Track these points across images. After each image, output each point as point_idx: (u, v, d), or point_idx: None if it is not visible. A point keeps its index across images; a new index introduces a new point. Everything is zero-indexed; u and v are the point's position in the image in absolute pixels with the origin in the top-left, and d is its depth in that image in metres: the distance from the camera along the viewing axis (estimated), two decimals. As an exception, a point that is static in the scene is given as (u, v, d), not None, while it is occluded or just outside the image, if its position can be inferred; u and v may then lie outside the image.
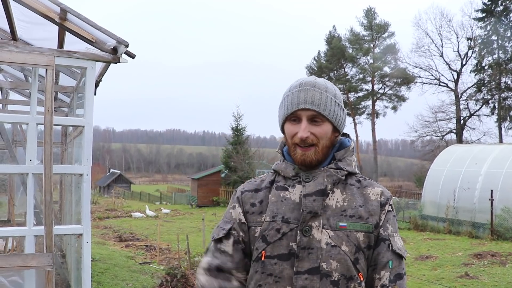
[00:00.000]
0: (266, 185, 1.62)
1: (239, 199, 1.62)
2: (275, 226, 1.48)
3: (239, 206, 1.60)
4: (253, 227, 1.54)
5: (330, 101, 1.51)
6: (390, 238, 1.48)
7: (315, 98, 1.49)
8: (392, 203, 1.55)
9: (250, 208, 1.58)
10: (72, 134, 6.78)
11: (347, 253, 1.42)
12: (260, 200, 1.58)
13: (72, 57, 3.75)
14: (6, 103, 8.51)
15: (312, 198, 1.46)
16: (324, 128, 1.51)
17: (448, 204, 15.22)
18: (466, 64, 38.65)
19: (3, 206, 10.51)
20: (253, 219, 1.55)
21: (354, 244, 1.43)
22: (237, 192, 1.66)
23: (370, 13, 51.12)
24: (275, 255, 1.45)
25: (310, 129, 1.49)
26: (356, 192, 1.52)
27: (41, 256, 3.30)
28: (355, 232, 1.44)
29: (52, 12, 3.83)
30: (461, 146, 19.22)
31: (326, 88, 1.53)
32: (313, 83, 1.52)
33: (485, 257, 10.27)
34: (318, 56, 55.47)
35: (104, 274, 8.34)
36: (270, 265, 1.45)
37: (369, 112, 52.52)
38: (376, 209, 1.49)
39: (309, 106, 1.48)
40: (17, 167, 3.99)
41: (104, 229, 18.77)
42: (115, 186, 51.88)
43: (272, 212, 1.51)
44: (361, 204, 1.49)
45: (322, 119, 1.51)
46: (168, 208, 31.20)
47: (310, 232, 1.44)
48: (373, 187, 1.55)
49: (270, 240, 1.47)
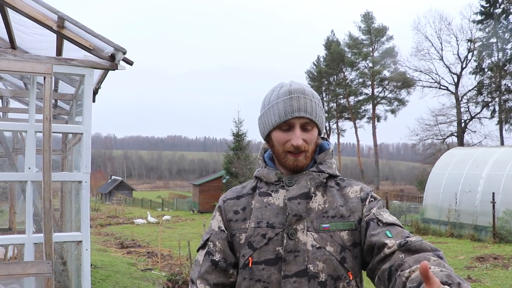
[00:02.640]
0: (248, 191, 1.63)
1: (220, 208, 1.63)
2: (261, 232, 1.49)
3: (219, 215, 1.62)
4: (237, 234, 1.54)
5: (317, 106, 1.54)
6: (377, 216, 1.44)
7: (307, 105, 1.51)
8: (374, 196, 1.55)
9: (233, 216, 1.58)
10: (72, 141, 6.79)
11: (332, 253, 1.42)
12: (243, 207, 1.59)
13: (70, 65, 3.76)
14: (6, 111, 8.53)
15: (296, 201, 1.48)
16: (313, 133, 1.55)
17: (450, 207, 15.18)
18: (466, 67, 38.71)
19: (5, 214, 10.51)
20: (237, 226, 1.56)
21: (339, 243, 1.44)
22: (219, 201, 1.67)
23: (368, 17, 51.29)
24: (262, 260, 1.46)
25: (302, 136, 1.52)
26: (336, 193, 1.54)
27: (41, 264, 3.30)
28: (339, 232, 1.46)
29: (49, 20, 3.84)
30: (462, 149, 19.18)
31: (313, 94, 1.55)
32: (302, 90, 1.53)
33: (487, 260, 10.23)
34: (318, 61, 55.64)
35: (106, 281, 8.32)
36: (258, 270, 1.45)
37: (369, 116, 52.57)
38: (357, 205, 1.50)
39: (303, 114, 1.50)
40: (16, 175, 3.99)
41: (106, 236, 18.76)
42: (116, 193, 51.83)
43: (257, 218, 1.52)
44: (341, 204, 1.51)
45: (312, 126, 1.54)
46: (169, 214, 31.20)
47: (295, 235, 1.45)
48: (352, 186, 1.57)
49: (256, 246, 1.48)
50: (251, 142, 34.69)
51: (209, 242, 1.58)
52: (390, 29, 51.86)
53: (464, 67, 38.77)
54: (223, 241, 1.55)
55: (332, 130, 57.55)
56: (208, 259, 1.55)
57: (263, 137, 1.64)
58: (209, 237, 1.59)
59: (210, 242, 1.57)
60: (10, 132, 8.13)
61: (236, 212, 1.58)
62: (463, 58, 38.74)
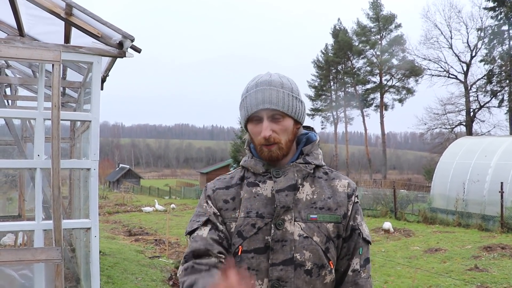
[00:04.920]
0: (237, 181, 1.65)
1: (210, 197, 1.63)
2: (250, 221, 1.53)
3: (211, 202, 1.62)
4: (228, 222, 1.57)
5: (288, 96, 1.55)
6: (360, 227, 1.58)
7: (272, 97, 1.52)
8: (357, 194, 1.64)
9: (223, 205, 1.60)
10: (80, 129, 6.82)
11: (318, 243, 1.49)
12: (232, 197, 1.61)
13: (78, 52, 3.76)
14: (15, 99, 8.58)
15: (284, 193, 1.52)
16: (284, 124, 1.55)
17: (458, 197, 15.14)
18: (475, 56, 38.30)
19: (14, 202, 10.62)
20: (228, 215, 1.58)
21: (325, 234, 1.51)
22: (207, 190, 1.67)
23: (376, 5, 50.76)
24: (252, 249, 1.50)
25: (271, 127, 1.53)
26: (324, 184, 1.60)
27: (50, 250, 3.33)
28: (325, 223, 1.53)
29: (58, 7, 3.84)
30: (471, 139, 19.07)
31: (282, 84, 1.56)
32: (269, 82, 1.55)
33: (495, 249, 10.21)
34: (326, 49, 55.23)
35: (114, 268, 8.40)
36: (248, 259, 1.50)
37: (377, 104, 52.26)
38: (344, 200, 1.57)
39: (268, 105, 1.52)
40: (25, 162, 4.01)
41: (114, 223, 18.90)
42: (124, 181, 52.21)
43: (246, 208, 1.55)
44: (329, 196, 1.57)
45: (282, 116, 1.55)
46: (177, 202, 31.37)
47: (283, 226, 1.50)
48: (340, 179, 1.63)
49: (246, 235, 1.52)
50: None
51: (209, 222, 1.56)
52: (399, 16, 51.40)
53: (474, 56, 38.38)
54: (221, 224, 1.57)
55: (340, 119, 57.37)
56: (215, 233, 1.53)
57: (244, 128, 1.67)
58: (208, 218, 1.57)
59: (210, 222, 1.56)
60: (18, 120, 8.18)
61: (226, 202, 1.60)
62: (473, 46, 38.34)
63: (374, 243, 11.85)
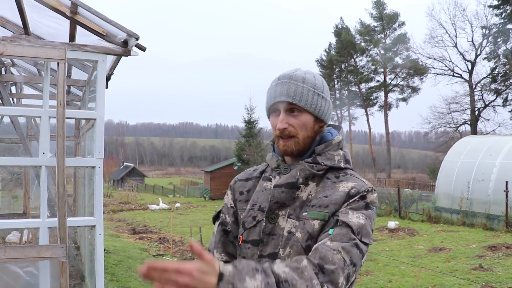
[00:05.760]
0: (257, 174, 1.72)
1: (231, 187, 1.75)
2: (252, 214, 1.58)
3: (230, 194, 1.73)
4: (239, 213, 1.66)
5: (308, 91, 1.54)
6: (341, 214, 1.42)
7: (290, 90, 1.52)
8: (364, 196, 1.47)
9: (239, 196, 1.69)
10: (85, 127, 6.84)
11: (299, 240, 1.45)
12: (248, 189, 1.69)
13: (83, 51, 3.77)
14: (20, 97, 8.61)
15: (281, 190, 1.53)
16: (302, 119, 1.54)
17: (462, 196, 15.09)
18: (480, 54, 38.12)
19: (19, 200, 10.66)
20: (240, 206, 1.67)
21: (308, 231, 1.44)
22: (232, 181, 1.79)
23: (380, 4, 50.57)
24: (249, 240, 1.55)
25: (288, 120, 1.53)
26: (329, 185, 1.52)
27: (55, 248, 3.34)
28: (311, 220, 1.46)
29: (63, 6, 3.85)
30: (476, 138, 19.01)
31: (304, 79, 1.55)
32: (290, 76, 1.56)
33: (499, 249, 10.18)
34: (329, 48, 55.08)
35: (118, 266, 8.44)
36: (245, 249, 1.56)
37: (381, 104, 52.14)
38: (340, 199, 1.45)
39: (285, 98, 1.52)
40: (30, 160, 4.03)
41: (118, 221, 18.95)
42: (128, 179, 52.23)
43: (253, 201, 1.62)
44: (326, 195, 1.49)
45: (300, 110, 1.54)
46: (181, 200, 31.41)
47: (275, 220, 1.53)
48: (347, 181, 1.51)
49: (247, 226, 1.58)
50: (262, 129, 34.72)
51: (221, 214, 1.71)
52: (402, 15, 51.22)
53: (479, 54, 38.20)
54: (231, 216, 1.67)
55: (344, 118, 57.28)
56: (221, 229, 1.67)
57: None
58: (221, 210, 1.72)
59: (222, 214, 1.71)
60: (24, 118, 8.21)
61: (241, 193, 1.69)
62: (478, 45, 38.17)
63: (378, 242, 11.84)
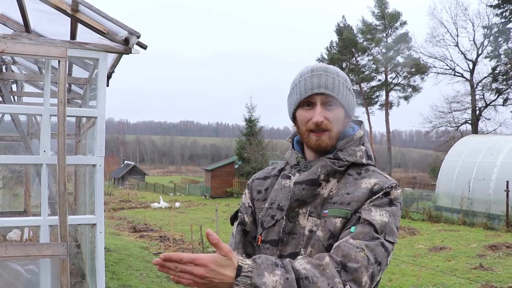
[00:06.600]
0: (275, 173, 1.68)
1: (249, 186, 1.72)
2: (271, 213, 1.54)
3: (248, 193, 1.69)
4: (257, 212, 1.62)
5: (342, 85, 1.51)
6: (363, 211, 1.37)
7: (328, 82, 1.48)
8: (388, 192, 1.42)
9: (256, 195, 1.65)
10: (86, 125, 6.84)
11: (320, 239, 1.41)
12: (266, 188, 1.65)
13: (84, 49, 3.76)
14: (21, 95, 8.61)
15: (301, 187, 1.48)
16: (337, 113, 1.50)
17: (463, 195, 15.08)
18: (482, 54, 38.02)
19: (20, 198, 10.67)
20: (258, 205, 1.63)
21: (329, 229, 1.40)
22: (250, 179, 1.75)
23: (382, 2, 50.48)
24: (268, 240, 1.52)
25: (324, 114, 1.47)
26: (351, 182, 1.47)
27: (56, 246, 3.34)
28: (333, 218, 1.41)
29: (64, 3, 3.84)
30: (476, 137, 19.00)
31: (337, 73, 1.53)
32: (325, 68, 1.51)
33: (500, 248, 10.17)
34: (331, 46, 54.99)
35: (119, 264, 8.44)
36: (264, 249, 1.52)
37: (382, 102, 52.09)
38: (362, 196, 1.40)
39: (323, 90, 1.47)
40: (31, 158, 4.03)
41: (119, 220, 18.96)
42: (129, 177, 52.26)
43: (271, 199, 1.57)
44: (348, 192, 1.44)
45: (336, 104, 1.49)
46: (182, 199, 31.41)
47: (296, 218, 1.48)
48: (370, 177, 1.46)
49: (265, 226, 1.54)
50: (263, 128, 34.73)
51: (239, 213, 1.68)
52: (404, 14, 51.12)
53: (480, 54, 38.09)
54: (249, 216, 1.63)
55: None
56: (241, 229, 1.64)
57: (291, 118, 1.62)
58: (239, 209, 1.69)
59: (240, 213, 1.68)
60: (25, 116, 8.21)
61: (259, 192, 1.65)
62: (479, 44, 38.09)
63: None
